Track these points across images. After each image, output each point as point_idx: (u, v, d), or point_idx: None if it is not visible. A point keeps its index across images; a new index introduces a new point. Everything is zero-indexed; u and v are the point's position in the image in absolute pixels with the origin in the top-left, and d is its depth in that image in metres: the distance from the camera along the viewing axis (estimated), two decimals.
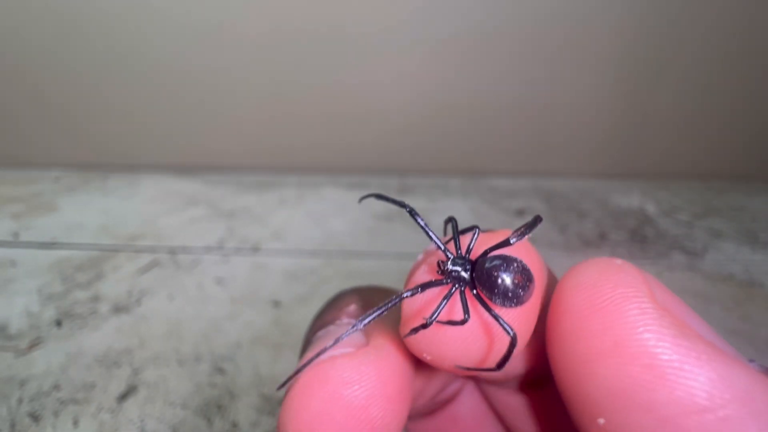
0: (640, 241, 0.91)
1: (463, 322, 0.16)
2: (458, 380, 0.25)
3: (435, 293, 0.18)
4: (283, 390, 0.18)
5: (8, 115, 1.10)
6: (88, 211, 0.97)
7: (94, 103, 1.09)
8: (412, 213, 0.20)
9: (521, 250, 0.18)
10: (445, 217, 0.20)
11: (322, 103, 1.08)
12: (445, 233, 0.21)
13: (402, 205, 0.20)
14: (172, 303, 0.72)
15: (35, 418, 0.55)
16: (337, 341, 0.17)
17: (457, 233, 0.19)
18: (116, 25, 1.02)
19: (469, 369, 0.17)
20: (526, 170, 1.14)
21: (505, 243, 0.18)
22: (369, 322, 0.17)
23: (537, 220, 0.19)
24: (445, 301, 0.17)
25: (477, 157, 1.13)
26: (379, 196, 0.21)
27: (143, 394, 0.58)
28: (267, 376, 0.61)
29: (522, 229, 0.18)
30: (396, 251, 0.85)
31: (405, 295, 0.17)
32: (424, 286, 0.17)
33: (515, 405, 0.23)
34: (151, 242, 0.86)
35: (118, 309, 0.71)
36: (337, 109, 1.09)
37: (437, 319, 0.16)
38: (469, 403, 0.25)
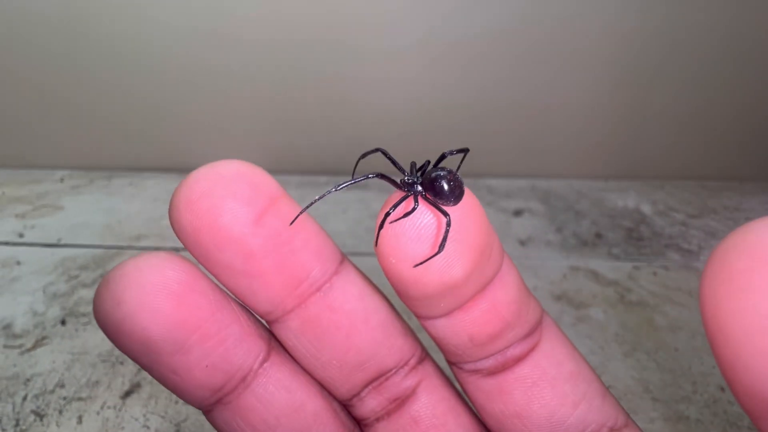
0: (636, 240, 0.92)
1: (413, 210, 0.21)
2: (415, 371, 0.25)
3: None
4: None
5: (13, 116, 1.11)
6: (93, 211, 0.98)
7: (98, 104, 1.10)
8: (384, 152, 0.25)
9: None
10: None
11: (323, 104, 1.09)
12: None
13: (375, 150, 0.26)
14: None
15: (40, 415, 0.56)
16: (311, 203, 0.22)
17: (426, 163, 0.25)
18: (121, 26, 1.02)
19: (422, 262, 0.20)
20: (524, 171, 1.15)
21: (441, 157, 0.24)
22: (342, 188, 0.23)
23: (466, 150, 0.25)
24: (403, 201, 0.22)
25: (475, 158, 1.14)
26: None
27: (147, 391, 0.59)
28: None
29: (454, 150, 0.25)
30: None
31: (388, 212, 0.21)
32: (396, 203, 0.22)
33: (487, 388, 0.24)
34: (155, 242, 0.87)
35: None
36: (337, 109, 1.10)
37: (396, 217, 0.21)
38: (428, 401, 0.25)
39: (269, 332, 0.24)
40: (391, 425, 0.25)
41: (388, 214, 0.21)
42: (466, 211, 0.21)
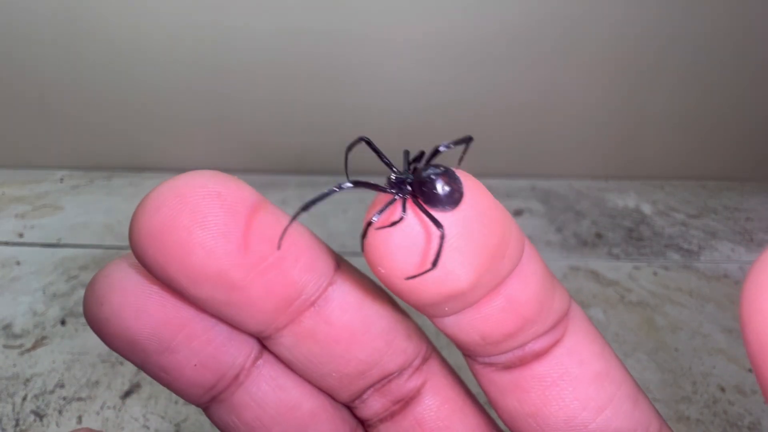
0: (636, 240, 0.92)
1: (400, 219, 0.19)
2: (420, 372, 0.24)
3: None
4: None
5: (12, 116, 1.11)
6: (93, 211, 0.98)
7: (98, 104, 1.09)
8: (368, 141, 0.22)
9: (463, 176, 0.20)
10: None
11: (323, 104, 1.09)
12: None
13: (359, 140, 0.23)
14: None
15: (39, 415, 0.56)
16: (288, 225, 0.19)
17: (416, 156, 0.22)
18: (120, 26, 1.02)
19: (413, 277, 0.18)
20: (524, 171, 1.15)
21: (435, 151, 0.21)
22: (311, 205, 0.19)
23: (468, 138, 0.22)
24: (389, 206, 0.19)
25: (474, 159, 1.14)
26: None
27: (147, 391, 0.59)
28: None
29: (451, 143, 0.21)
30: None
31: (373, 219, 0.19)
32: (381, 210, 0.19)
33: (501, 383, 0.22)
34: None
35: None
36: (337, 110, 1.10)
37: (382, 225, 0.19)
38: (433, 402, 0.24)
39: None
40: (394, 426, 0.24)
41: (370, 223, 0.19)
42: (471, 211, 0.19)
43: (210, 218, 0.18)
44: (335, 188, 0.19)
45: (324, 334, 0.21)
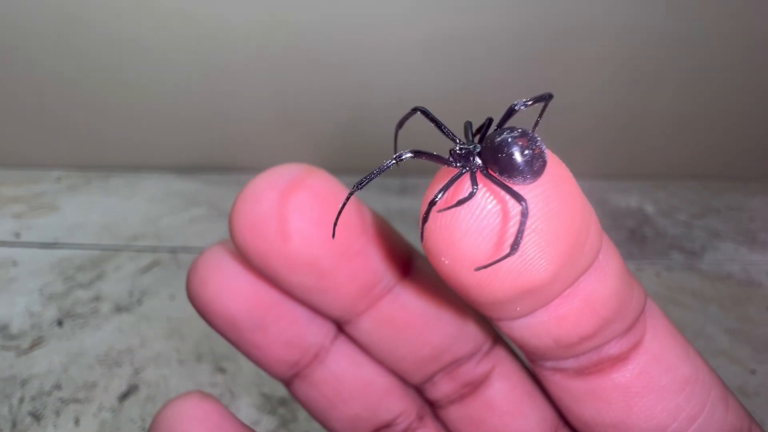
0: (639, 240, 0.91)
1: (470, 195, 0.15)
2: (488, 357, 0.24)
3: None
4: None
5: (9, 115, 1.10)
6: (90, 211, 0.98)
7: (95, 103, 1.09)
8: (425, 111, 0.20)
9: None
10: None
11: (323, 104, 1.09)
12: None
13: (413, 110, 0.21)
14: (173, 303, 0.73)
15: (36, 417, 0.55)
16: (341, 209, 0.19)
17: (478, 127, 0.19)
18: (117, 25, 1.02)
19: (486, 266, 0.15)
20: None
21: (510, 111, 0.18)
22: (366, 182, 0.17)
23: (548, 96, 0.18)
24: (454, 182, 0.16)
25: None
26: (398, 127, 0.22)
27: (144, 393, 0.59)
28: (267, 376, 0.61)
29: (530, 100, 0.18)
30: None
31: (436, 198, 0.16)
32: (445, 186, 0.16)
33: (575, 391, 0.20)
34: (152, 242, 0.86)
35: (120, 309, 0.71)
36: (337, 110, 1.09)
37: (446, 205, 0.16)
38: (502, 387, 0.24)
39: None
40: (464, 409, 0.24)
41: (433, 203, 0.16)
42: (553, 189, 0.16)
43: (305, 209, 0.19)
44: (393, 160, 0.17)
45: (400, 320, 0.23)
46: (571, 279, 0.17)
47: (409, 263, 0.23)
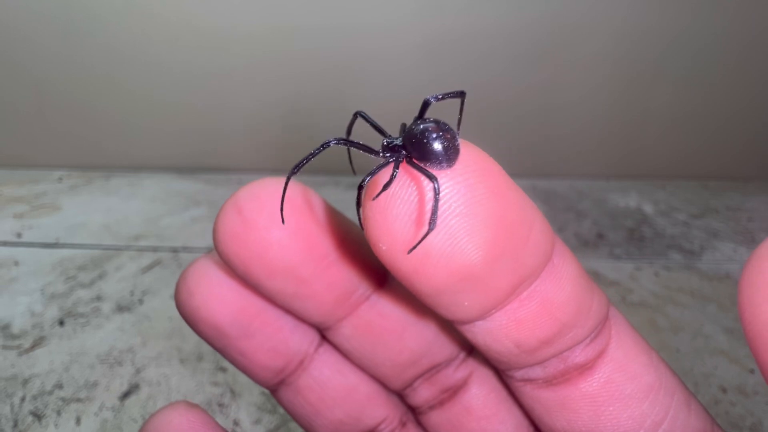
0: (637, 240, 0.91)
1: (391, 179, 0.17)
2: (466, 363, 0.25)
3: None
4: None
5: (11, 116, 1.11)
6: (91, 211, 0.98)
7: (96, 104, 1.09)
8: (363, 115, 0.22)
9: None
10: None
11: (323, 105, 1.09)
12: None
13: (355, 115, 0.22)
14: (174, 302, 0.73)
15: (38, 416, 0.56)
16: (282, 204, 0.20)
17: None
18: (118, 27, 1.02)
19: (414, 246, 0.17)
20: (524, 171, 1.14)
21: (424, 105, 0.19)
22: (300, 167, 0.19)
23: (461, 93, 0.21)
24: (381, 169, 0.18)
25: None
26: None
27: (145, 392, 0.59)
28: None
29: (441, 94, 0.20)
30: None
31: (363, 183, 0.18)
32: (372, 172, 0.18)
33: (545, 401, 0.21)
34: (153, 242, 0.87)
35: (121, 308, 0.72)
36: (336, 110, 1.09)
37: (375, 191, 0.17)
38: (480, 392, 0.25)
39: None
40: (444, 414, 0.25)
41: (361, 188, 0.18)
42: (478, 177, 0.17)
43: (286, 217, 0.20)
44: (321, 147, 0.19)
45: (379, 326, 0.23)
46: (517, 276, 0.18)
47: (386, 272, 0.23)
